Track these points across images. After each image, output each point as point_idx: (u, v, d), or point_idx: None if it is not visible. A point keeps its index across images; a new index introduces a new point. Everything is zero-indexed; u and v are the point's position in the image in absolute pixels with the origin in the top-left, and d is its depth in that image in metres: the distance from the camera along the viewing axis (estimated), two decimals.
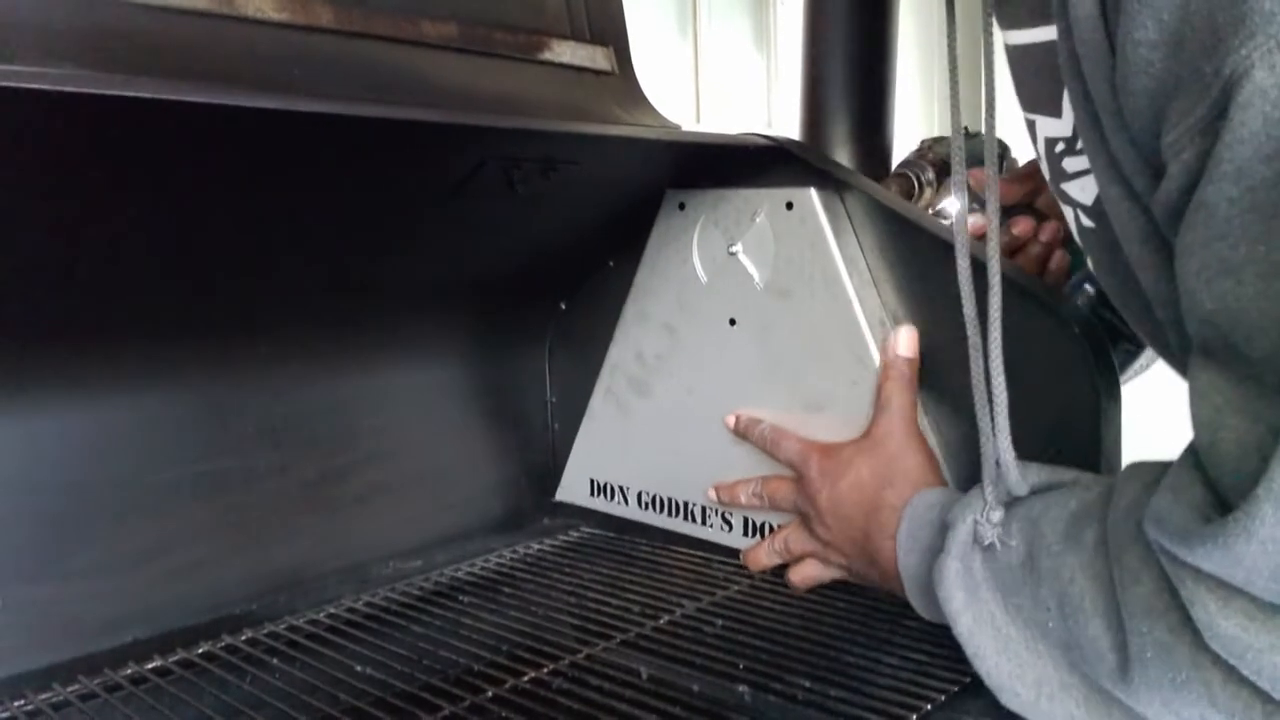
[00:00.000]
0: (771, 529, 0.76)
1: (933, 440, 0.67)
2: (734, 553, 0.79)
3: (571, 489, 0.92)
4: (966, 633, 0.51)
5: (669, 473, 0.84)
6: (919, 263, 0.68)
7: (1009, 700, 0.50)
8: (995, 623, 0.50)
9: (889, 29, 1.08)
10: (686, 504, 0.83)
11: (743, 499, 0.75)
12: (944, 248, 0.65)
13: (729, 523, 0.79)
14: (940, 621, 0.55)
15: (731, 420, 0.77)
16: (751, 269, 0.76)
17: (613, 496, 0.88)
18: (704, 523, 0.81)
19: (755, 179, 0.76)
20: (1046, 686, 0.48)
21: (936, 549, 0.55)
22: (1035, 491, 0.52)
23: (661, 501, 0.84)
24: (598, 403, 0.89)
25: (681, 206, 0.81)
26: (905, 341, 0.68)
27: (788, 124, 1.31)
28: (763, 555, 0.73)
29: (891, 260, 0.70)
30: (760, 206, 0.75)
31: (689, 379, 0.81)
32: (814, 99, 1.08)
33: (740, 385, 0.77)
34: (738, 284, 0.77)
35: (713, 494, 0.78)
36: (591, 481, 0.90)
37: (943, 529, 0.55)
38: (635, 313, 0.85)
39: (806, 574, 0.70)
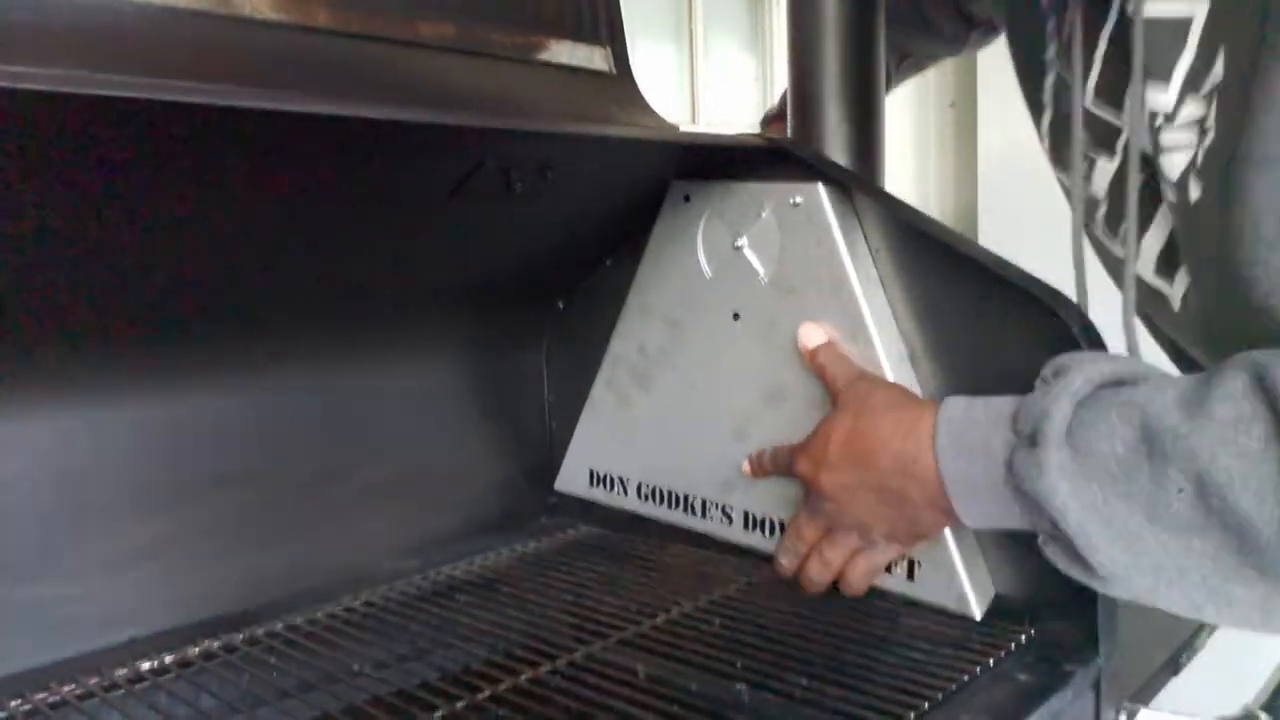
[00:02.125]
0: (772, 524, 0.76)
1: None
2: (733, 549, 0.79)
3: (571, 479, 0.92)
4: (1076, 525, 0.50)
5: (670, 466, 0.84)
6: (929, 268, 0.68)
7: (1122, 590, 0.51)
8: (1104, 513, 0.50)
9: (876, 25, 1.08)
10: (687, 497, 0.83)
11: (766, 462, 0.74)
12: (955, 255, 0.66)
13: (729, 516, 0.79)
14: (987, 527, 0.57)
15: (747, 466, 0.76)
16: (756, 264, 0.76)
17: (612, 487, 0.88)
18: (704, 515, 0.81)
19: (757, 178, 0.76)
20: (1165, 572, 0.49)
21: (994, 449, 0.54)
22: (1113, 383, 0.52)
23: (662, 494, 0.84)
24: (599, 393, 0.89)
25: (687, 199, 0.81)
26: (812, 333, 0.70)
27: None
28: (784, 560, 0.70)
29: (901, 264, 0.70)
30: (766, 201, 0.74)
31: (691, 373, 0.81)
32: (801, 97, 1.08)
33: (742, 381, 0.77)
34: (742, 279, 0.77)
35: (746, 467, 0.76)
36: (591, 472, 0.90)
37: (998, 425, 0.54)
38: (638, 305, 0.85)
39: (859, 570, 0.66)
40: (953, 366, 0.68)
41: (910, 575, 0.68)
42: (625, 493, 0.87)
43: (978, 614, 0.65)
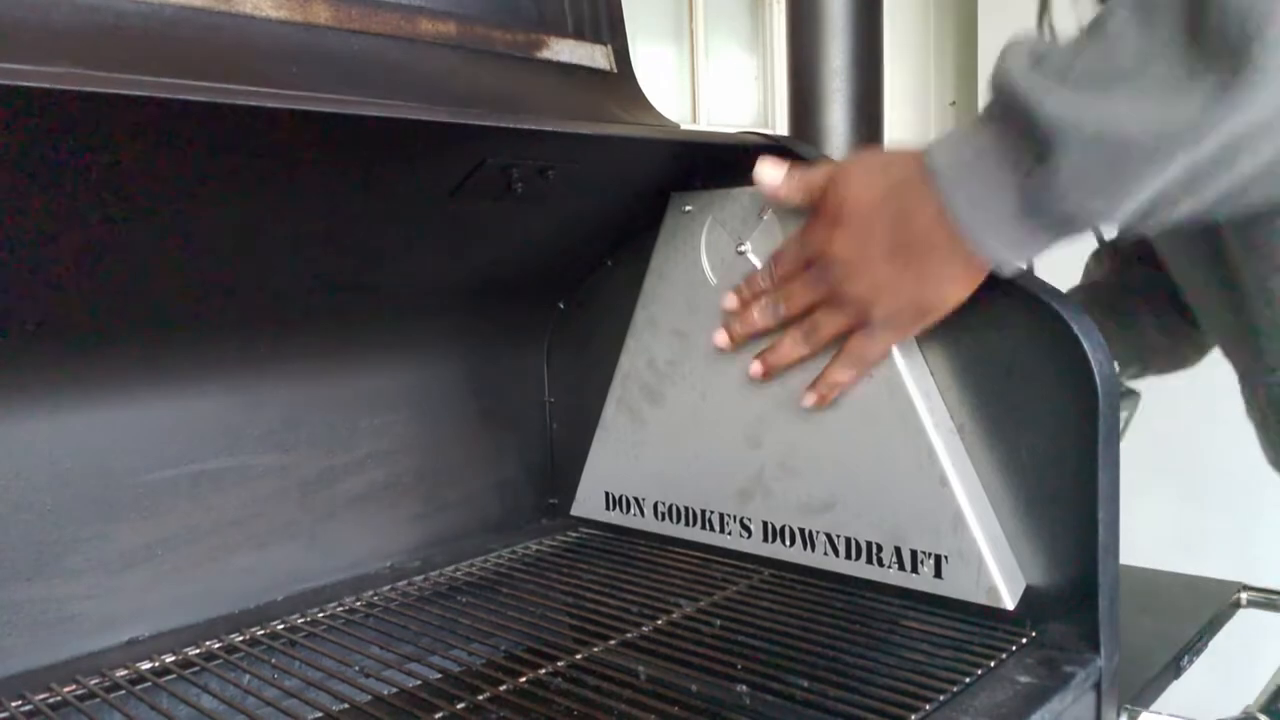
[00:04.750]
0: (793, 533, 0.76)
1: (962, 459, 0.67)
2: (747, 558, 0.79)
3: (586, 503, 0.92)
4: (1025, 87, 0.52)
5: (685, 480, 0.83)
6: None
7: (1079, 152, 0.50)
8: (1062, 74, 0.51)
9: (878, 22, 1.08)
10: (704, 512, 0.82)
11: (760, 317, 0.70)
12: None
13: (748, 529, 0.79)
14: (988, 218, 0.55)
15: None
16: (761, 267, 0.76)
17: (629, 509, 0.88)
18: (723, 530, 0.81)
19: None
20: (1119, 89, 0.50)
21: (980, 131, 0.55)
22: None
23: (678, 511, 0.84)
24: (610, 414, 0.88)
25: (687, 209, 0.81)
26: (767, 172, 0.68)
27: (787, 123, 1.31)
28: (758, 316, 0.69)
29: None
30: (768, 203, 0.74)
31: (702, 383, 0.81)
32: (802, 94, 1.08)
33: (754, 385, 0.76)
34: None
35: (721, 337, 0.73)
36: (607, 495, 0.90)
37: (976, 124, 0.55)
38: (645, 320, 0.85)
39: (853, 350, 0.66)
40: (956, 359, 0.68)
41: (938, 573, 0.68)
42: (642, 513, 0.87)
43: (1010, 604, 0.65)
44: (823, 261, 0.64)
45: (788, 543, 0.76)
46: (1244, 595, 0.80)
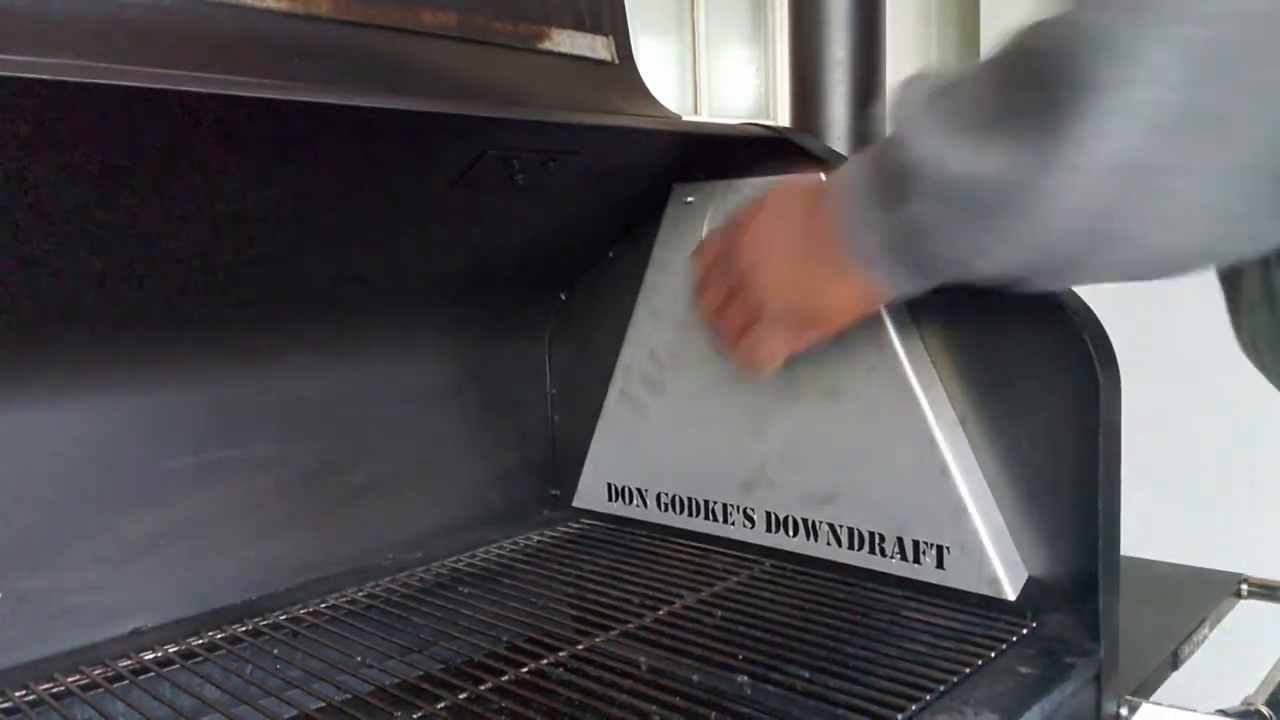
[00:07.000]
0: (795, 523, 0.76)
1: (966, 456, 0.67)
2: (749, 548, 0.79)
3: (589, 495, 0.92)
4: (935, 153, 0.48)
5: (689, 471, 0.83)
6: None
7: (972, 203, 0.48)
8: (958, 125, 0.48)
9: (880, 13, 1.08)
10: (707, 503, 0.82)
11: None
12: None
13: (751, 519, 0.79)
14: (887, 245, 0.53)
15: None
16: None
17: (631, 500, 0.88)
18: (726, 520, 0.81)
19: (760, 168, 0.76)
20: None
21: (874, 161, 0.54)
22: None
23: (681, 502, 0.84)
24: (612, 405, 0.88)
25: (689, 201, 0.81)
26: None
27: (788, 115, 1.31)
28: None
29: None
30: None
31: (703, 374, 0.81)
32: (804, 86, 1.07)
33: (755, 376, 0.76)
34: None
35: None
36: (609, 486, 0.90)
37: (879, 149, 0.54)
38: (646, 311, 0.85)
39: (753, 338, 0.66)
40: (958, 350, 0.68)
41: (940, 564, 0.68)
42: (645, 504, 0.87)
43: (1012, 595, 0.65)
44: (731, 253, 0.65)
45: (790, 533, 0.77)
46: (1244, 586, 0.80)
